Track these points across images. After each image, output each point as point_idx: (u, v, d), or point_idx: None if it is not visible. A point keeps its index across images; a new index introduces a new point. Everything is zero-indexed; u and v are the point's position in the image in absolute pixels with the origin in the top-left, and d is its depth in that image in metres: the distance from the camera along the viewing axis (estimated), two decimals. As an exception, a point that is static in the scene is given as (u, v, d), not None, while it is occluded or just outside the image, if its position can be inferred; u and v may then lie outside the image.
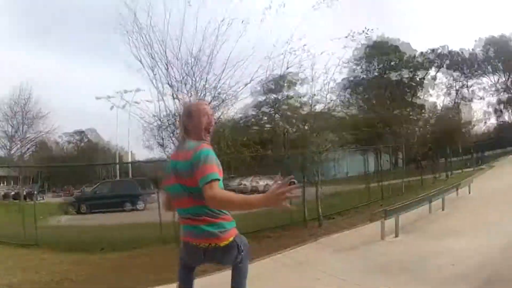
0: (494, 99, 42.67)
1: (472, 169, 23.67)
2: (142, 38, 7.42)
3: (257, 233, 7.67)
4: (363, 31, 9.92)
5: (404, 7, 55.36)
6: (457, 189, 11.37)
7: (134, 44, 7.47)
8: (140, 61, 7.54)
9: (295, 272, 5.20)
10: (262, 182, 22.13)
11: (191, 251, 2.27)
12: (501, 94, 42.85)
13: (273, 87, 10.75)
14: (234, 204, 2.00)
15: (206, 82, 7.69)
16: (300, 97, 10.25)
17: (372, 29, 10.27)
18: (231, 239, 2.21)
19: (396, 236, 6.68)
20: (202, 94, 7.62)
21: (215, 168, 2.04)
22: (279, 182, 1.81)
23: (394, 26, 46.80)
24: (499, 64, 42.22)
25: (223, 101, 8.01)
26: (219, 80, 7.71)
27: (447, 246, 5.62)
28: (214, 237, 2.16)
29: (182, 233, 2.31)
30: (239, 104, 8.84)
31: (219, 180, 2.02)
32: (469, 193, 12.06)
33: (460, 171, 22.56)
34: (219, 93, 7.85)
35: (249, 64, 7.83)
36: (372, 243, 6.45)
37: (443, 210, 9.12)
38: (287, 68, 8.55)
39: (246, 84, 7.96)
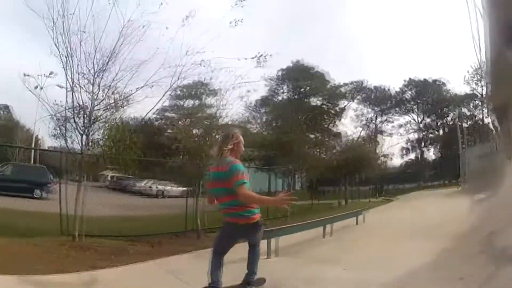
0: (403, 138, 46.89)
1: (368, 200, 25.28)
2: (53, 24, 7.47)
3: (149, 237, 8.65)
4: (256, 56, 10.12)
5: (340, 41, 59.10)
6: (345, 218, 11.92)
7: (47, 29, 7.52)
8: (53, 47, 7.58)
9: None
10: (154, 187, 21.25)
11: (231, 228, 3.64)
12: (411, 134, 47.30)
13: (181, 93, 10.87)
14: (255, 200, 3.47)
15: (101, 79, 7.73)
16: (202, 108, 10.27)
17: (268, 55, 10.41)
18: (257, 219, 3.62)
19: (268, 257, 6.78)
20: (97, 91, 7.72)
21: (245, 176, 3.43)
22: (285, 190, 3.40)
23: (321, 56, 49.39)
24: (414, 107, 46.65)
25: (115, 101, 8.10)
26: (114, 79, 7.86)
27: (319, 274, 5.67)
28: (246, 218, 3.53)
29: (225, 218, 3.67)
30: (135, 106, 9.01)
31: (246, 183, 3.38)
32: (356, 223, 12.63)
33: (357, 200, 24.08)
34: (112, 93, 7.99)
35: (150, 70, 8.43)
36: (243, 261, 6.29)
37: (323, 237, 9.42)
38: (178, 79, 9.05)
39: (137, 88, 8.26)
